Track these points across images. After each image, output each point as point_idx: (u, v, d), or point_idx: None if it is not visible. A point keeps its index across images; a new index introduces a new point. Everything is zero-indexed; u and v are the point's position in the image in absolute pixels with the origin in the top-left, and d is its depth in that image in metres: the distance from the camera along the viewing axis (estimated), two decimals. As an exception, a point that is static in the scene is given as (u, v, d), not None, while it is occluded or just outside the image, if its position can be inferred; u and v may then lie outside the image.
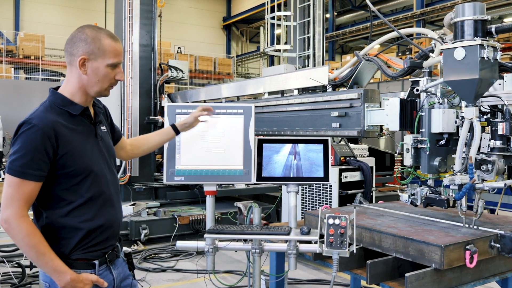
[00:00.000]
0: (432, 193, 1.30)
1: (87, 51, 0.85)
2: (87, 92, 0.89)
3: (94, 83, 0.87)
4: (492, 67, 1.16)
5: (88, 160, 0.88)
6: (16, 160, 0.82)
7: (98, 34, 0.86)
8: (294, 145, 1.29)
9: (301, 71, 2.57)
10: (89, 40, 0.85)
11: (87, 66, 0.86)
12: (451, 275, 1.07)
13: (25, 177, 0.81)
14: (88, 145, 0.89)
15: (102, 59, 0.86)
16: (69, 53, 0.88)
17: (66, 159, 0.84)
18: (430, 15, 8.30)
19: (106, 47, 0.86)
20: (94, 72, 0.86)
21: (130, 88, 3.52)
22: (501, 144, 1.20)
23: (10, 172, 0.82)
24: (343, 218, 1.05)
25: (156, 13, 3.70)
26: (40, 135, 0.82)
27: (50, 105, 0.88)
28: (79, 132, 0.88)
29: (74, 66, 0.87)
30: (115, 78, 0.89)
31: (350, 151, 2.91)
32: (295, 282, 2.36)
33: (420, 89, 1.36)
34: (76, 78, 0.88)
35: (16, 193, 0.82)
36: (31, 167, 0.81)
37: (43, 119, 0.83)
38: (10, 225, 0.81)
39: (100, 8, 10.81)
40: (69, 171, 0.85)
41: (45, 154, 0.82)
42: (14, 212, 0.81)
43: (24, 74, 8.66)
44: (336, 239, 1.05)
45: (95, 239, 0.88)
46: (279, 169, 1.27)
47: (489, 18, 1.19)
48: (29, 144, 0.81)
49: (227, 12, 13.19)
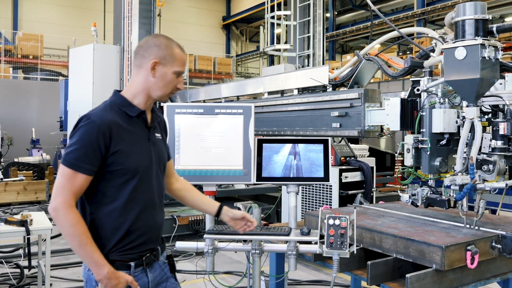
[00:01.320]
0: (433, 193, 1.30)
1: (159, 56, 0.90)
2: (149, 94, 0.92)
3: (159, 87, 0.91)
4: (493, 67, 1.16)
5: (137, 161, 0.90)
6: (72, 152, 0.86)
7: (170, 43, 0.92)
8: (294, 145, 1.28)
9: (301, 71, 2.56)
10: (162, 46, 0.91)
11: (157, 69, 0.90)
12: (452, 276, 1.07)
13: (77, 170, 0.85)
14: (139, 147, 0.92)
15: (171, 65, 0.91)
16: (140, 55, 0.92)
17: (116, 157, 0.87)
18: (431, 15, 8.28)
19: (176, 55, 0.91)
20: (162, 76, 0.91)
21: (129, 88, 3.50)
22: (502, 144, 1.19)
23: (64, 163, 0.86)
24: (343, 218, 1.04)
25: (155, 12, 3.69)
26: (96, 131, 0.86)
27: (110, 104, 0.92)
28: (133, 133, 0.91)
29: (144, 68, 0.91)
30: (176, 86, 0.94)
31: (350, 151, 2.90)
32: (295, 283, 2.35)
33: (421, 89, 1.36)
34: (143, 80, 0.92)
35: (68, 183, 0.85)
36: (84, 161, 0.85)
37: (100, 117, 0.88)
38: (58, 213, 0.84)
39: (99, 7, 10.78)
40: (117, 169, 0.88)
41: (98, 150, 0.86)
42: (63, 201, 0.84)
43: (22, 73, 8.65)
44: (336, 240, 1.04)
45: (133, 242, 0.90)
46: (279, 169, 1.27)
47: (490, 18, 1.18)
48: (85, 139, 0.85)
49: (226, 11, 13.17)
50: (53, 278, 2.32)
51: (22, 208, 4.12)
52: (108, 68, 3.51)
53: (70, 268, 2.64)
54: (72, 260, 2.77)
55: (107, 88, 3.50)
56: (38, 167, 5.15)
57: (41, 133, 6.28)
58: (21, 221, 1.92)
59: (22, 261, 2.35)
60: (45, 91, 7.25)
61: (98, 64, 3.46)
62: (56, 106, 6.08)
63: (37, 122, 6.80)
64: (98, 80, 3.47)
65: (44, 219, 2.10)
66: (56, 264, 2.62)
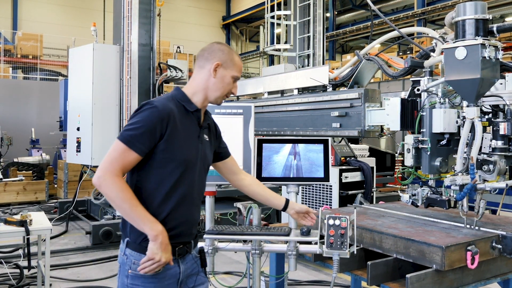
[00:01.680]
0: (433, 193, 1.30)
1: (222, 59, 0.99)
2: (207, 94, 0.99)
3: (218, 88, 0.99)
4: (494, 67, 1.16)
5: (185, 154, 0.94)
6: (129, 130, 0.91)
7: (231, 51, 1.03)
8: (294, 145, 1.28)
9: (301, 71, 2.55)
10: (225, 52, 1.00)
11: (218, 71, 0.98)
12: (452, 276, 1.06)
13: (131, 147, 0.89)
14: (189, 141, 0.96)
15: (231, 70, 1.00)
16: (204, 58, 0.99)
17: (168, 144, 0.91)
18: (431, 14, 8.28)
19: (236, 62, 1.01)
20: (222, 78, 0.99)
21: (129, 88, 3.50)
22: (502, 144, 1.19)
23: (120, 138, 0.91)
24: (343, 218, 1.04)
25: (155, 12, 3.68)
26: (156, 116, 0.90)
27: (171, 97, 0.98)
28: (186, 127, 0.96)
29: (206, 69, 0.99)
30: (231, 90, 1.01)
31: (350, 151, 2.90)
32: (295, 283, 2.34)
33: (421, 88, 1.35)
34: (204, 79, 0.99)
35: (119, 157, 0.89)
36: (139, 140, 0.89)
37: (162, 104, 0.93)
38: (105, 180, 0.88)
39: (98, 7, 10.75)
40: (166, 156, 0.92)
41: (154, 134, 0.90)
42: (111, 171, 0.88)
43: (22, 73, 8.63)
44: (337, 240, 1.04)
45: (168, 232, 0.91)
46: (279, 169, 1.27)
47: (490, 17, 1.18)
48: (145, 120, 0.90)
49: (226, 11, 13.17)
50: (52, 278, 2.33)
51: (21, 208, 4.11)
52: (108, 68, 3.50)
53: (69, 268, 2.64)
54: (71, 260, 2.77)
55: (106, 88, 3.49)
56: (38, 167, 5.15)
57: (41, 133, 6.27)
58: (21, 221, 1.92)
59: (21, 261, 2.34)
60: (45, 91, 7.24)
61: (97, 64, 3.45)
62: (56, 106, 6.06)
63: (37, 122, 6.79)
64: (98, 80, 3.45)
65: (44, 219, 2.10)
66: (56, 265, 2.62)
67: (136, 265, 0.90)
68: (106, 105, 3.50)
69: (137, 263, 0.90)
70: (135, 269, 0.90)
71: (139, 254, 0.91)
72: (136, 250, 0.91)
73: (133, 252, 0.92)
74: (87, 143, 3.44)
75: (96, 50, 3.47)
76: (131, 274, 0.91)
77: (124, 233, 0.95)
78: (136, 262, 0.91)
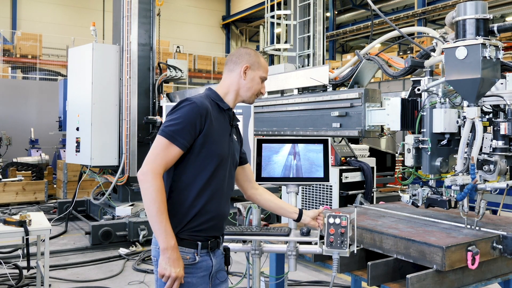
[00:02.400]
0: (434, 193, 1.29)
1: (250, 62, 1.06)
2: (239, 93, 1.06)
3: (248, 88, 1.06)
4: (494, 67, 1.15)
5: (219, 149, 0.99)
6: (171, 126, 0.94)
7: (257, 54, 1.09)
8: (294, 145, 1.27)
9: (301, 71, 2.54)
10: (252, 55, 1.07)
11: (248, 73, 1.05)
12: (453, 276, 1.06)
13: (173, 142, 0.93)
14: (223, 138, 1.01)
15: (259, 71, 1.07)
16: (233, 62, 1.07)
17: (206, 138, 0.96)
18: (431, 14, 8.28)
19: (262, 64, 1.08)
20: (251, 79, 1.06)
21: (128, 88, 3.49)
22: (503, 144, 1.19)
23: (162, 133, 0.94)
24: (343, 217, 1.04)
25: (154, 11, 3.67)
26: (196, 111, 0.95)
27: (206, 96, 1.03)
28: (220, 124, 1.01)
29: (236, 72, 1.06)
30: (260, 90, 1.08)
31: (350, 151, 2.89)
32: (295, 284, 2.34)
33: (422, 88, 1.35)
34: (235, 81, 1.06)
35: (162, 152, 0.93)
36: (181, 135, 0.94)
37: (201, 101, 0.98)
38: (147, 177, 0.91)
39: (98, 7, 10.74)
40: (202, 150, 0.96)
41: (194, 128, 0.95)
42: (154, 168, 0.92)
43: (21, 73, 8.61)
44: (336, 239, 1.03)
45: (202, 224, 0.96)
46: (278, 169, 1.26)
47: (491, 17, 1.18)
48: (185, 116, 0.95)
49: (226, 11, 13.15)
50: (51, 279, 2.33)
51: (20, 208, 4.11)
52: (107, 68, 3.48)
53: (69, 268, 2.64)
54: (71, 261, 2.77)
55: (106, 88, 3.48)
56: (37, 167, 5.13)
57: (40, 133, 6.27)
58: (20, 222, 1.91)
59: (21, 262, 2.34)
60: (44, 91, 7.24)
61: (97, 63, 3.43)
62: (55, 106, 6.06)
63: (36, 122, 6.78)
64: (97, 79, 3.43)
65: (43, 219, 2.09)
66: (55, 265, 2.61)
67: None
68: (105, 105, 3.49)
69: None
70: None
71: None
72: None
73: None
74: (87, 143, 3.43)
75: (96, 50, 3.46)
76: None
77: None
78: None
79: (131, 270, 2.64)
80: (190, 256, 0.94)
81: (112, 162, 3.48)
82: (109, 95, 3.51)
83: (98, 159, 3.42)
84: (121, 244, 3.04)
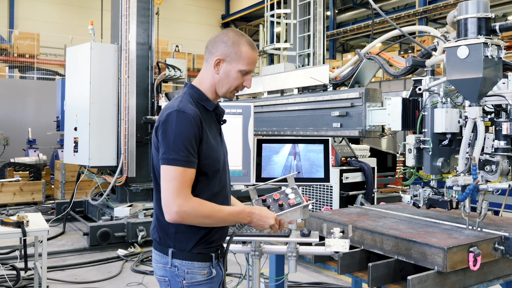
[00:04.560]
0: (435, 194, 1.29)
1: (224, 53, 0.89)
2: (216, 91, 0.92)
3: (223, 84, 0.91)
4: (496, 66, 1.14)
5: (219, 155, 0.91)
6: (173, 151, 0.82)
7: (239, 40, 0.89)
8: (294, 145, 1.26)
9: (301, 70, 2.55)
10: (229, 43, 0.89)
11: (221, 67, 0.89)
12: (454, 278, 1.05)
13: (185, 165, 0.83)
14: (217, 141, 0.92)
15: (236, 64, 0.89)
16: (209, 51, 0.91)
17: (205, 149, 0.86)
18: (432, 13, 8.24)
19: (243, 54, 0.89)
20: (226, 74, 0.90)
21: (127, 87, 3.47)
22: (505, 145, 1.18)
23: (172, 163, 0.82)
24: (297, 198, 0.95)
25: (153, 10, 3.65)
26: (189, 124, 0.84)
27: (189, 97, 0.90)
28: (211, 128, 0.91)
29: (210, 64, 0.91)
30: (242, 84, 0.92)
31: (351, 151, 2.88)
32: (295, 285, 2.32)
33: (423, 88, 1.34)
34: (210, 76, 0.91)
35: (180, 182, 0.82)
36: (189, 156, 0.83)
37: (189, 108, 0.86)
38: (188, 216, 0.82)
39: (96, 5, 10.68)
40: (205, 162, 0.87)
41: (195, 141, 0.84)
42: (183, 199, 0.82)
43: (18, 73, 8.57)
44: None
45: (214, 235, 0.90)
46: (278, 169, 1.26)
47: (493, 16, 1.17)
48: (182, 132, 0.83)
49: (225, 9, 13.13)
50: (49, 280, 2.32)
51: (18, 209, 4.08)
52: (106, 67, 3.46)
53: (67, 270, 2.62)
54: (69, 262, 2.75)
55: (104, 87, 3.46)
56: (35, 168, 5.10)
57: (38, 133, 6.23)
58: (17, 222, 1.89)
59: (18, 263, 2.32)
60: (42, 90, 7.20)
61: (95, 63, 3.41)
62: (53, 106, 6.02)
63: (34, 122, 6.74)
64: (96, 79, 3.41)
65: (41, 220, 2.07)
66: (53, 266, 2.60)
67: (191, 275, 0.86)
68: (103, 105, 3.47)
69: (192, 272, 0.86)
70: (190, 278, 0.86)
71: (191, 263, 0.86)
72: (188, 259, 0.87)
73: (184, 262, 0.87)
74: (85, 143, 3.40)
75: (94, 49, 3.43)
76: (186, 285, 0.86)
77: (164, 243, 0.88)
78: (190, 271, 0.86)
79: (130, 271, 2.62)
80: (207, 270, 0.88)
81: (111, 162, 3.45)
82: (107, 94, 3.49)
83: (96, 159, 3.40)
84: (120, 245, 3.02)
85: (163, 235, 0.89)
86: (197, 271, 0.87)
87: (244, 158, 1.28)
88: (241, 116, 1.29)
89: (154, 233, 0.91)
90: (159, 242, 0.90)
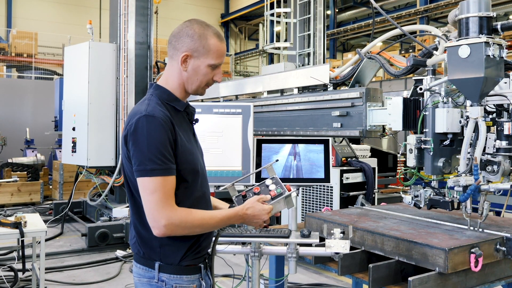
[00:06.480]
0: (436, 194, 1.28)
1: (191, 48, 0.82)
2: (185, 88, 0.85)
3: (193, 81, 0.84)
4: (498, 65, 1.14)
5: (195, 158, 0.84)
6: (149, 160, 0.75)
7: (206, 32, 0.82)
8: (294, 145, 1.26)
9: (301, 70, 2.54)
10: (195, 37, 0.82)
11: (189, 63, 0.83)
12: (456, 279, 1.05)
13: (164, 174, 0.76)
14: (191, 143, 0.85)
15: (205, 58, 0.82)
16: (173, 46, 0.83)
17: (180, 154, 0.80)
18: (434, 12, 8.23)
19: (211, 47, 0.82)
20: (195, 70, 0.83)
21: (125, 87, 3.46)
22: (507, 145, 1.17)
23: (149, 174, 0.75)
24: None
25: (152, 9, 3.63)
26: (161, 128, 0.77)
27: (158, 99, 0.83)
28: (184, 129, 0.84)
29: (176, 61, 0.83)
30: (213, 78, 0.86)
31: (351, 151, 2.87)
32: (295, 286, 2.32)
33: (424, 88, 1.33)
34: (177, 74, 0.84)
35: (160, 194, 0.75)
36: (165, 162, 0.76)
37: (159, 111, 0.79)
38: (176, 228, 0.76)
39: (95, 4, 10.63)
40: (183, 167, 0.80)
41: (169, 146, 0.78)
42: (168, 211, 0.75)
43: (16, 72, 8.56)
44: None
45: (202, 243, 0.85)
46: (278, 170, 1.25)
47: (494, 15, 1.16)
48: (154, 138, 0.76)
49: (225, 9, 13.10)
50: (47, 281, 2.30)
51: (16, 209, 4.06)
52: (104, 67, 3.45)
53: (65, 271, 2.61)
54: (67, 263, 2.74)
55: (103, 87, 3.45)
56: (33, 168, 5.09)
57: (36, 133, 6.21)
58: (15, 223, 1.88)
59: (16, 264, 2.29)
60: (40, 90, 7.17)
61: (93, 62, 3.40)
62: (51, 106, 6.00)
63: (31, 122, 6.73)
64: (94, 78, 3.40)
65: (39, 221, 2.06)
66: (51, 267, 2.58)
67: None
68: (102, 105, 3.45)
69: (180, 286, 0.80)
70: None
71: (180, 277, 0.80)
72: (176, 273, 0.80)
73: (172, 276, 0.80)
74: (83, 143, 3.39)
75: (92, 49, 3.42)
76: None
77: (149, 256, 0.81)
78: (178, 285, 0.80)
79: (128, 272, 2.61)
80: (197, 283, 0.82)
81: (109, 163, 3.44)
82: (105, 94, 3.47)
83: (94, 160, 3.38)
84: (118, 246, 3.01)
85: (147, 249, 0.82)
86: (186, 285, 0.81)
87: (243, 158, 1.27)
88: (241, 116, 1.28)
89: (135, 248, 0.84)
90: (143, 256, 0.83)
